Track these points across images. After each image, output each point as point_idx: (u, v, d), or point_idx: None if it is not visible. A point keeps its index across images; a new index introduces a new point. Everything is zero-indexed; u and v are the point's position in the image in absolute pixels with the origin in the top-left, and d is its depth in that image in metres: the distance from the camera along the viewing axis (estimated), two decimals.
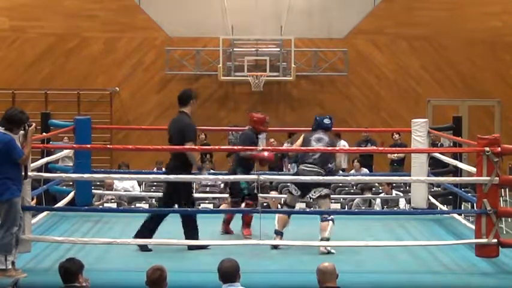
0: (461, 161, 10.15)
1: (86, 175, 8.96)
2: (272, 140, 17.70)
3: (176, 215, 8.39)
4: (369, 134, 17.44)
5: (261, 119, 8.93)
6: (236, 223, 8.98)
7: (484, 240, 7.44)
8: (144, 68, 19.97)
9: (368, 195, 13.44)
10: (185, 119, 8.16)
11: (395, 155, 16.45)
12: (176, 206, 8.25)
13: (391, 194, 12.93)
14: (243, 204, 8.82)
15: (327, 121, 8.48)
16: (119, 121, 19.66)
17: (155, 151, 14.53)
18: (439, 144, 15.95)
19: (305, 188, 8.15)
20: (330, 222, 8.08)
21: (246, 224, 8.73)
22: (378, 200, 13.08)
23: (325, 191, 8.15)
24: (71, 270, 5.59)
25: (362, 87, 20.12)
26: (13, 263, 6.99)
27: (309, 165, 8.17)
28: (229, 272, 5.64)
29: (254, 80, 18.93)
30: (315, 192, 8.13)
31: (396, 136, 16.68)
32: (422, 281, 7.14)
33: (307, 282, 6.55)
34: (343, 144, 17.04)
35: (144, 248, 8.00)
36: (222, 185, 13.07)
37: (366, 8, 19.96)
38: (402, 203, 12.94)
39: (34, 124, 7.27)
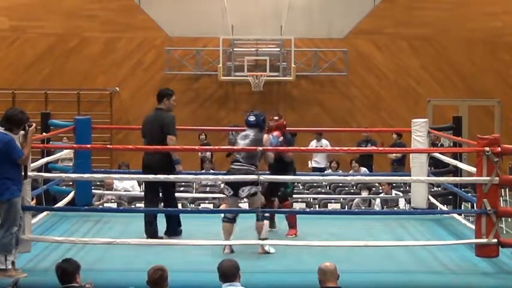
0: (461, 161, 10.15)
1: (86, 175, 8.96)
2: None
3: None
4: (369, 134, 17.44)
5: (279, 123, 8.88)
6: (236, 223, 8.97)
7: (484, 240, 7.44)
8: (144, 68, 19.97)
9: (366, 194, 13.43)
10: (164, 114, 8.66)
11: (394, 154, 16.45)
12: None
13: (391, 194, 12.92)
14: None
15: (251, 118, 8.41)
16: (119, 121, 19.67)
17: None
18: (439, 145, 15.94)
19: (235, 188, 8.08)
20: (265, 221, 8.04)
21: (291, 225, 8.87)
22: (378, 200, 13.09)
23: (254, 189, 7.98)
24: (67, 271, 5.59)
25: (362, 87, 20.12)
26: (13, 263, 6.99)
27: (237, 164, 8.14)
28: (229, 271, 5.65)
29: (254, 80, 18.93)
30: (243, 191, 8.02)
31: (395, 136, 16.67)
32: (422, 281, 7.14)
33: (307, 282, 6.55)
34: (325, 143, 17.05)
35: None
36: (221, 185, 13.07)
37: (366, 8, 19.96)
38: (402, 203, 12.94)
39: (34, 124, 7.27)
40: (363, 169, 15.85)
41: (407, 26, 19.82)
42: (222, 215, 8.25)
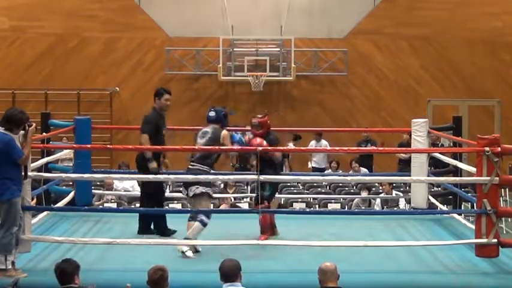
0: (461, 161, 10.15)
1: (86, 175, 8.96)
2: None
3: (173, 215, 8.45)
4: (369, 134, 17.43)
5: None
6: (232, 222, 8.96)
7: (484, 240, 7.44)
8: (144, 68, 19.97)
9: (366, 195, 13.42)
10: (147, 114, 9.05)
11: (402, 154, 16.35)
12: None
13: (391, 194, 12.92)
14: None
15: (211, 114, 8.30)
16: (119, 121, 19.66)
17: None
18: (439, 145, 15.91)
19: (186, 188, 8.07)
20: (197, 223, 7.84)
21: (263, 230, 8.50)
22: (378, 200, 13.09)
23: (200, 189, 7.90)
24: (67, 271, 5.58)
25: (362, 87, 20.12)
26: (13, 263, 6.99)
27: (192, 163, 8.13)
28: (230, 271, 5.64)
29: (254, 80, 18.93)
30: (190, 190, 7.96)
31: (405, 136, 16.52)
32: (422, 281, 7.15)
33: (307, 282, 6.56)
34: (324, 144, 17.03)
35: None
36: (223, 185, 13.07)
37: (366, 8, 19.96)
38: (402, 203, 12.94)
39: (34, 124, 7.27)
40: (363, 170, 15.83)
41: (407, 26, 19.82)
42: (220, 215, 8.25)
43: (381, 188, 13.60)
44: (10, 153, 6.91)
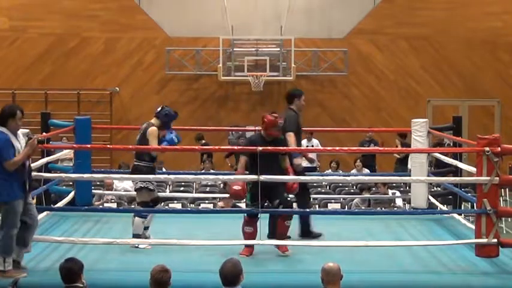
0: (461, 161, 10.15)
1: (86, 175, 8.96)
2: None
3: (173, 215, 8.46)
4: (372, 134, 17.43)
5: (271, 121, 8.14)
6: (232, 222, 8.96)
7: (484, 240, 7.44)
8: (144, 68, 19.97)
9: (367, 195, 13.41)
10: (290, 114, 9.13)
11: (396, 154, 16.40)
12: None
13: (388, 195, 12.91)
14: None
15: (158, 108, 8.48)
16: (119, 121, 19.66)
17: (155, 151, 14.45)
18: (445, 144, 15.85)
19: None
20: (137, 218, 8.21)
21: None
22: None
23: (139, 184, 8.21)
24: (73, 270, 5.57)
25: (362, 87, 20.12)
26: (18, 263, 6.99)
27: (134, 159, 8.37)
28: (229, 275, 5.55)
29: (254, 80, 18.92)
30: (136, 183, 8.31)
31: (397, 141, 16.54)
32: (422, 281, 7.14)
33: (307, 282, 6.56)
34: (316, 143, 17.01)
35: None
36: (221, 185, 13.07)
37: (366, 8, 19.96)
38: (399, 202, 12.94)
39: (36, 137, 7.05)
40: (366, 170, 15.82)
41: (407, 26, 19.82)
42: (220, 215, 8.24)
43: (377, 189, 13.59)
44: (0, 153, 6.81)
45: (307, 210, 8.99)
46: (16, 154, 6.86)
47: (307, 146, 17.18)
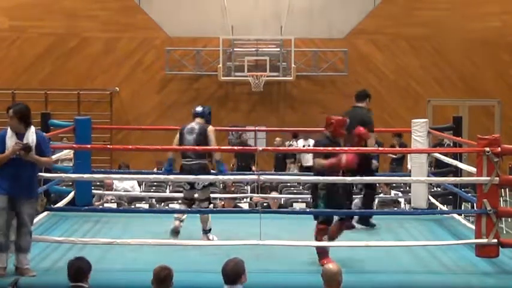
0: (461, 161, 10.14)
1: (86, 175, 8.96)
2: (278, 139, 17.77)
3: (173, 215, 8.49)
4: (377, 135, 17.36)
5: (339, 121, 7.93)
6: (232, 222, 8.96)
7: (484, 240, 7.44)
8: (144, 68, 19.97)
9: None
10: (366, 114, 9.96)
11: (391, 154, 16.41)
12: None
13: (390, 194, 12.90)
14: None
15: (198, 109, 8.75)
16: (119, 121, 19.66)
17: (155, 151, 14.51)
18: (445, 145, 15.85)
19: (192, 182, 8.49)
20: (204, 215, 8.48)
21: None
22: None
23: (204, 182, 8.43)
24: (82, 270, 5.60)
25: (362, 87, 20.06)
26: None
27: (188, 159, 8.45)
28: (231, 273, 5.58)
29: (254, 80, 18.92)
30: (198, 184, 8.49)
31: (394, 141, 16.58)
32: (422, 281, 7.14)
33: (307, 282, 6.56)
34: (312, 142, 17.00)
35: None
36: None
37: (366, 8, 19.96)
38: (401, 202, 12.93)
39: (19, 142, 6.91)
40: None
41: (407, 26, 19.82)
42: (221, 215, 8.25)
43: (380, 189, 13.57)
44: (43, 149, 7.02)
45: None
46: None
47: (303, 146, 17.21)
